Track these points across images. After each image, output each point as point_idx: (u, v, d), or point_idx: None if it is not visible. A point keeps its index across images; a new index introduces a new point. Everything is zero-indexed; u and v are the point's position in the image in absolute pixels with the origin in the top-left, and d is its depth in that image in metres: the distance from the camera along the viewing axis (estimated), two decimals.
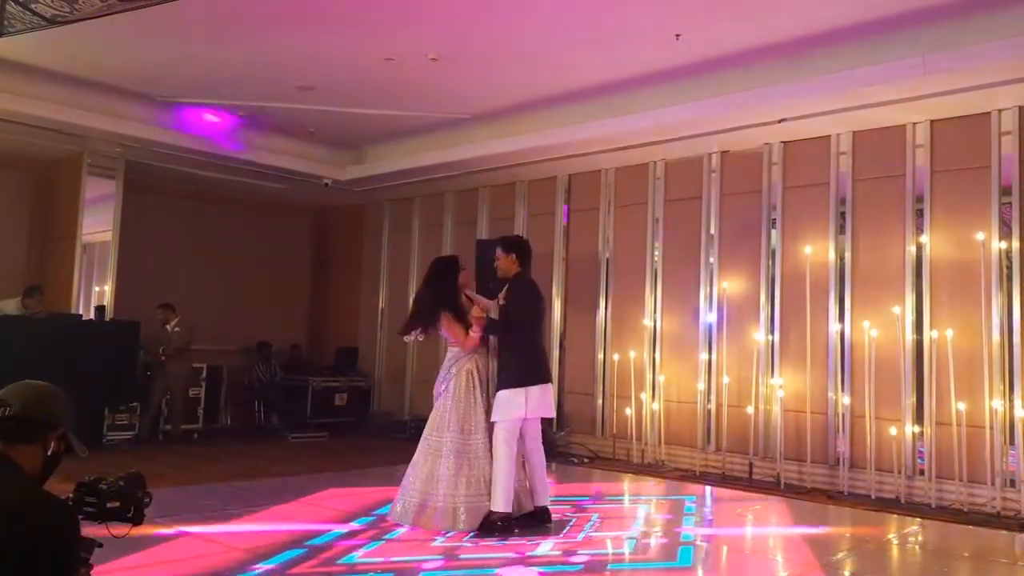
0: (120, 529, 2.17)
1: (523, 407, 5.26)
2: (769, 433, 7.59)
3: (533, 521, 5.32)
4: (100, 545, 2.10)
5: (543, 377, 5.47)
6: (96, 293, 9.33)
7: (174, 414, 9.56)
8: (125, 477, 2.19)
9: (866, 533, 5.72)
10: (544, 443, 5.61)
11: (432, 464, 5.25)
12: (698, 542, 5.27)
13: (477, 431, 5.29)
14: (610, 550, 5.03)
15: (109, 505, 2.12)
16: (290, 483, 6.86)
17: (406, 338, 5.81)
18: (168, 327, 9.36)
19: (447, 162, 9.50)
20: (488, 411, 5.31)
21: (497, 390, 5.31)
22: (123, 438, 8.67)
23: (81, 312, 9.01)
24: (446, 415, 5.31)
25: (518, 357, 5.36)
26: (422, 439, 5.41)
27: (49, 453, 2.10)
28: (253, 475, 7.14)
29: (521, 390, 5.26)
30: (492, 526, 5.10)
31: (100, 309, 9.00)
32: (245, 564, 4.35)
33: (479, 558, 4.62)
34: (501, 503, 5.13)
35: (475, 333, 5.32)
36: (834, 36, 6.33)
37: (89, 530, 2.06)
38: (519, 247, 5.64)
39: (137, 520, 2.18)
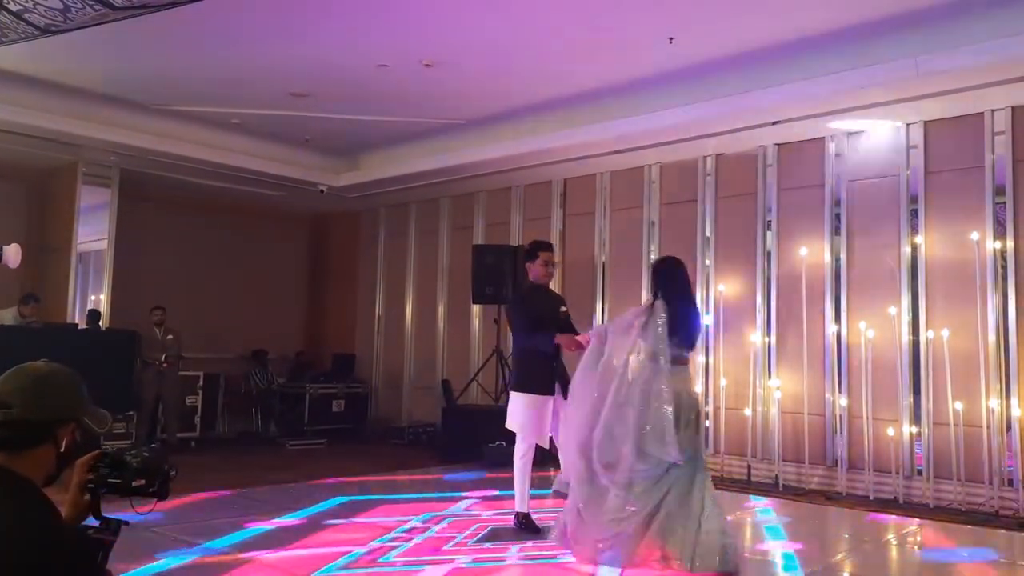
0: (145, 507, 1.97)
1: None
2: (767, 435, 7.59)
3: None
4: (127, 524, 1.95)
5: None
6: (92, 302, 9.31)
7: (171, 422, 9.53)
8: (149, 449, 2.02)
9: (865, 534, 5.72)
10: (537, 452, 5.39)
11: None
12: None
13: None
14: None
15: (135, 484, 1.94)
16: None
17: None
18: (158, 332, 9.28)
19: (442, 167, 9.50)
20: None
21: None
22: (120, 447, 8.61)
23: (77, 322, 8.99)
24: None
25: None
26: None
27: (62, 450, 1.83)
28: (253, 483, 7.10)
29: None
30: None
31: (94, 313, 8.97)
32: None
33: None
34: None
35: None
36: (827, 38, 6.35)
37: (113, 505, 1.93)
38: None
39: (163, 496, 1.98)
